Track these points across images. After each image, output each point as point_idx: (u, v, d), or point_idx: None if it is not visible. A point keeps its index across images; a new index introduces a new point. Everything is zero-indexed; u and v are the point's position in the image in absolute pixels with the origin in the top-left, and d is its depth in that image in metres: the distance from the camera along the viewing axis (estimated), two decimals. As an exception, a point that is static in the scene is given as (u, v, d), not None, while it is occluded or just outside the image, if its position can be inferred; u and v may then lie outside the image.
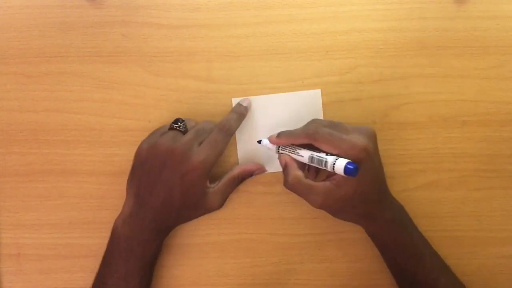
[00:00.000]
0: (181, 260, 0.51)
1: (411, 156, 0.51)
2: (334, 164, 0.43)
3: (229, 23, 0.51)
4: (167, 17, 0.51)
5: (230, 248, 0.51)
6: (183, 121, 0.48)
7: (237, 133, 0.51)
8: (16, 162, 0.51)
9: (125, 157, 0.49)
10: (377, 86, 0.51)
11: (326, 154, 0.44)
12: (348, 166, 0.42)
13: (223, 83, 0.51)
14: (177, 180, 0.45)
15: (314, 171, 0.49)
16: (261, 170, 0.50)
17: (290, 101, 0.51)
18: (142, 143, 0.48)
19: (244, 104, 0.50)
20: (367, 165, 0.44)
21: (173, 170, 0.45)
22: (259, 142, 0.50)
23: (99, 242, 0.47)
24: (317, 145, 0.45)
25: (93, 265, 0.47)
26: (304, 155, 0.46)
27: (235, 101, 0.51)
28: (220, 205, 0.48)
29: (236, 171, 0.49)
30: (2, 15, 0.51)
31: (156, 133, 0.48)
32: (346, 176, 0.43)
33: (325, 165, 0.44)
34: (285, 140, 0.47)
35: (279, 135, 0.48)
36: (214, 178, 0.49)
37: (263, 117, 0.51)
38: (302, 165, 0.48)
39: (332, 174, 0.45)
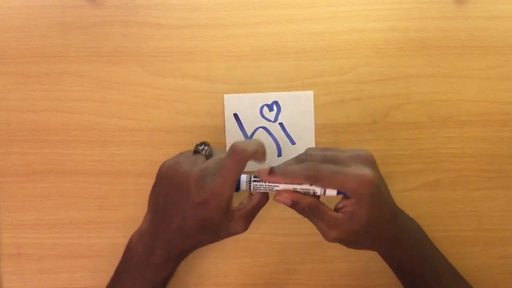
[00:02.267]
0: (181, 260, 0.51)
1: (411, 156, 0.51)
2: (324, 191, 0.43)
3: (229, 23, 0.51)
4: (167, 17, 0.51)
5: (230, 248, 0.51)
6: (208, 145, 0.45)
7: (227, 134, 0.51)
8: (16, 162, 0.51)
9: (125, 157, 0.49)
10: (377, 86, 0.51)
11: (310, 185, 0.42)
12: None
13: (223, 83, 0.51)
14: (191, 209, 0.42)
15: None
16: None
17: (282, 101, 0.51)
18: (166, 160, 0.45)
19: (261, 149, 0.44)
20: (377, 197, 0.42)
21: (187, 197, 0.42)
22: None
23: (99, 242, 0.47)
24: (320, 186, 0.42)
25: (93, 265, 0.47)
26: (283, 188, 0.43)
27: (227, 97, 0.51)
28: (246, 229, 0.44)
29: (261, 198, 0.45)
30: (2, 15, 0.51)
31: (182, 155, 0.45)
32: (356, 206, 0.41)
33: (313, 193, 0.43)
34: (281, 179, 0.42)
35: (273, 171, 0.42)
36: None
37: (254, 116, 0.51)
38: None
39: (341, 207, 0.43)
